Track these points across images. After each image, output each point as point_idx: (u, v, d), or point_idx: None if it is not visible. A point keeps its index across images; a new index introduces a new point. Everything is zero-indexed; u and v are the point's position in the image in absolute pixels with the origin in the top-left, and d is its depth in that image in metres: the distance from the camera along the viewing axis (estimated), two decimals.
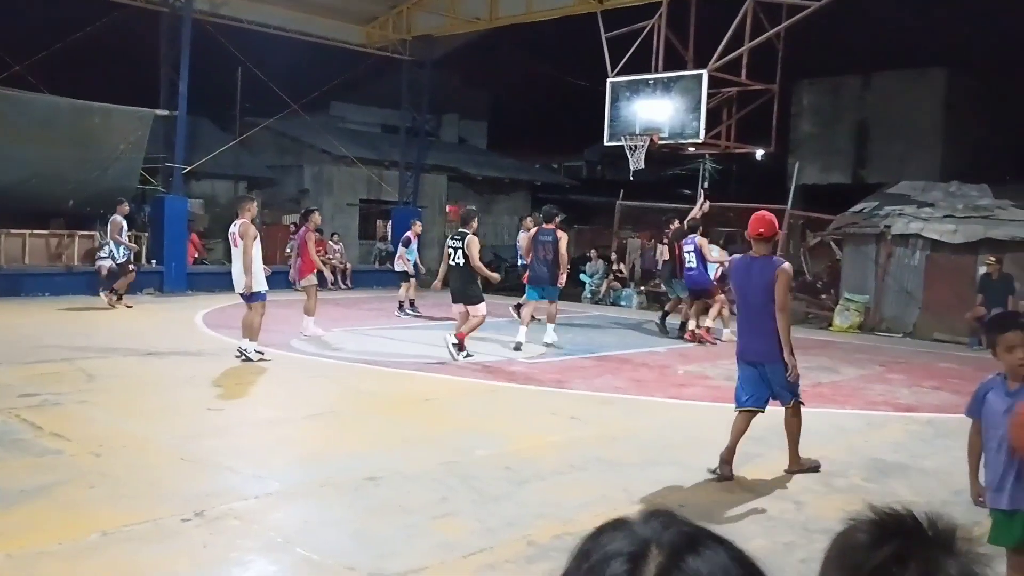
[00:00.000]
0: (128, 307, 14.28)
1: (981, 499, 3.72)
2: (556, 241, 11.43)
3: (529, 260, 11.81)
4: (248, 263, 9.51)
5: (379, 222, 23.91)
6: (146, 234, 17.81)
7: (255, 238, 9.59)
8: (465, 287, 10.32)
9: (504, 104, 33.48)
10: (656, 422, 7.66)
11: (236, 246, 9.57)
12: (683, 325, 12.91)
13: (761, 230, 5.80)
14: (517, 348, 10.98)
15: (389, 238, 22.25)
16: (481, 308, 10.32)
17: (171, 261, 17.34)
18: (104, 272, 15.91)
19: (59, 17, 17.90)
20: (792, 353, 5.82)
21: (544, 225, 11.67)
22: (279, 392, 8.42)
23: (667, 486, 5.67)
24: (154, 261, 17.39)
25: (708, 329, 12.74)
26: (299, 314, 11.96)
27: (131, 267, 14.80)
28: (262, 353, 9.66)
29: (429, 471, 5.75)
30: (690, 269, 12.42)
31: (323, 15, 20.02)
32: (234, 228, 9.63)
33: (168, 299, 16.25)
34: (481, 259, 10.44)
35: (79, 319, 13.05)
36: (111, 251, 14.67)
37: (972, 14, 20.31)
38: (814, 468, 6.09)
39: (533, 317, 11.58)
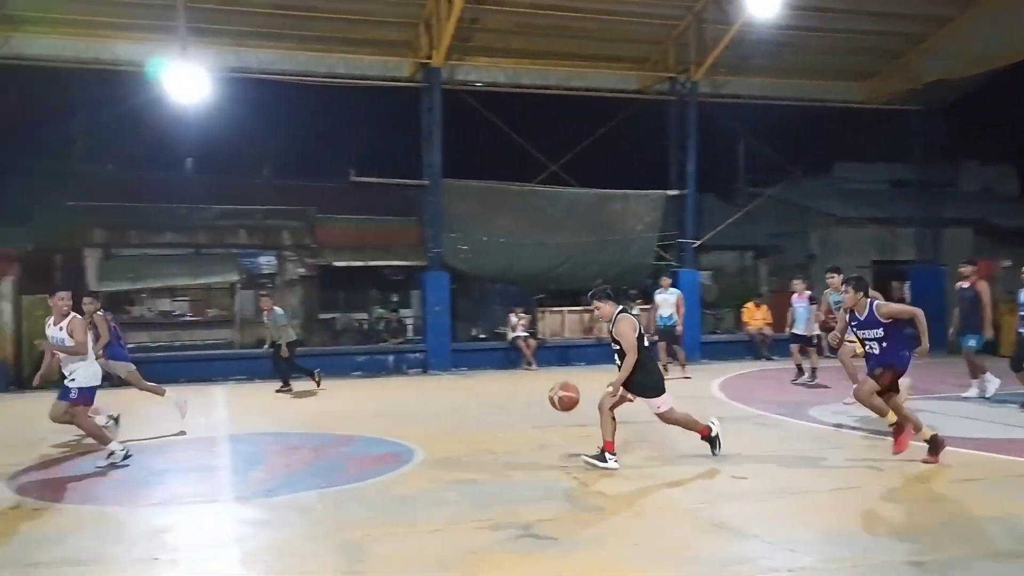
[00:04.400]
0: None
1: None
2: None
3: None
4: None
5: (894, 283, 22.39)
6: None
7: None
8: None
9: None
10: None
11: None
12: None
13: None
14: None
15: (907, 300, 20.68)
16: None
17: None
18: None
19: (582, 119, 20.27)
20: None
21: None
22: (797, 463, 8.17)
23: None
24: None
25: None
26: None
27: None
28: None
29: None
30: None
31: (817, 78, 19.84)
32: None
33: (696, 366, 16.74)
34: None
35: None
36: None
37: None
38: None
39: None
